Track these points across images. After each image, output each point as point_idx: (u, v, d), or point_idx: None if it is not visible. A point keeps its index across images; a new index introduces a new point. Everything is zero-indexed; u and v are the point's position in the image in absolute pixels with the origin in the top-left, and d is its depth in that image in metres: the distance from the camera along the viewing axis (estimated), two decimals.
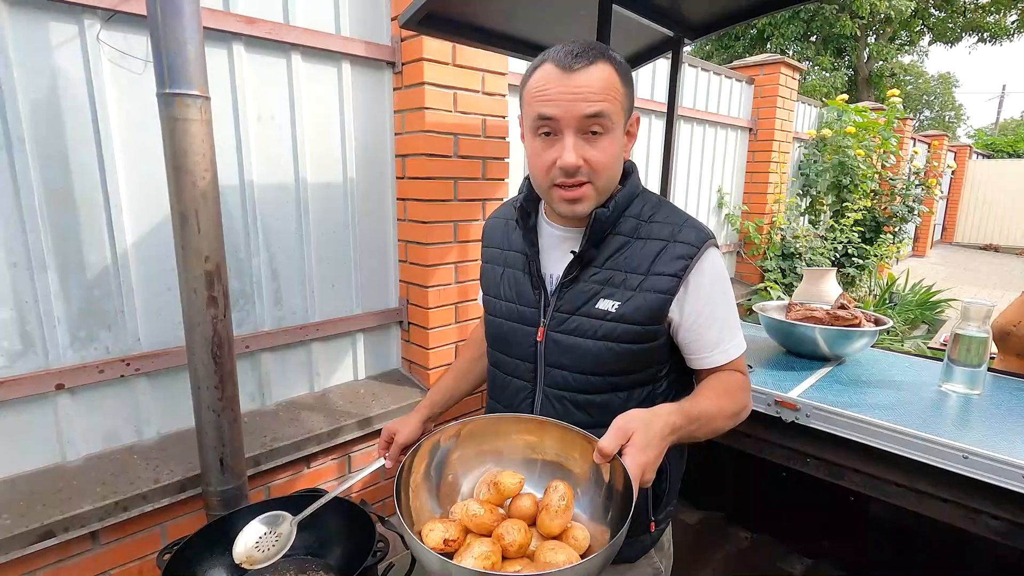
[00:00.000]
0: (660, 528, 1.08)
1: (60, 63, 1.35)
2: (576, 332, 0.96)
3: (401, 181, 2.04)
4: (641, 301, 0.92)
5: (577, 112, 0.85)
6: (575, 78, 0.84)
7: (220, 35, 1.56)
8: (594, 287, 0.95)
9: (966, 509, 1.25)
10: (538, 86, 0.87)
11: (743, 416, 0.98)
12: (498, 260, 1.11)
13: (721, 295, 0.96)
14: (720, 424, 0.93)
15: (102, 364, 1.46)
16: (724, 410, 0.93)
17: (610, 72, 0.86)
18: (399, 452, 1.14)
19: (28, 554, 1.26)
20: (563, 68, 0.85)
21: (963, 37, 14.66)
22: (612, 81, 0.86)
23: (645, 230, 0.96)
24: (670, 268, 0.92)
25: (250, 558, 0.95)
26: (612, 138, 0.88)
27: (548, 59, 0.87)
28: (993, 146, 16.57)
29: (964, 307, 1.50)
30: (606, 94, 0.85)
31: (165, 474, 1.46)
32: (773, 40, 14.10)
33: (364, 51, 1.86)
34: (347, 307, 2.00)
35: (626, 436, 0.76)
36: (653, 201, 1.00)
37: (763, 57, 4.29)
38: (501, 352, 1.09)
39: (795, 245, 4.41)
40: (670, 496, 1.08)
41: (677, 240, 0.94)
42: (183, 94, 1.14)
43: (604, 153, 0.88)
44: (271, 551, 0.97)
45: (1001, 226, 12.63)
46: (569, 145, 0.86)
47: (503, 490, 0.85)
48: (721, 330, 0.96)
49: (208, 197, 1.20)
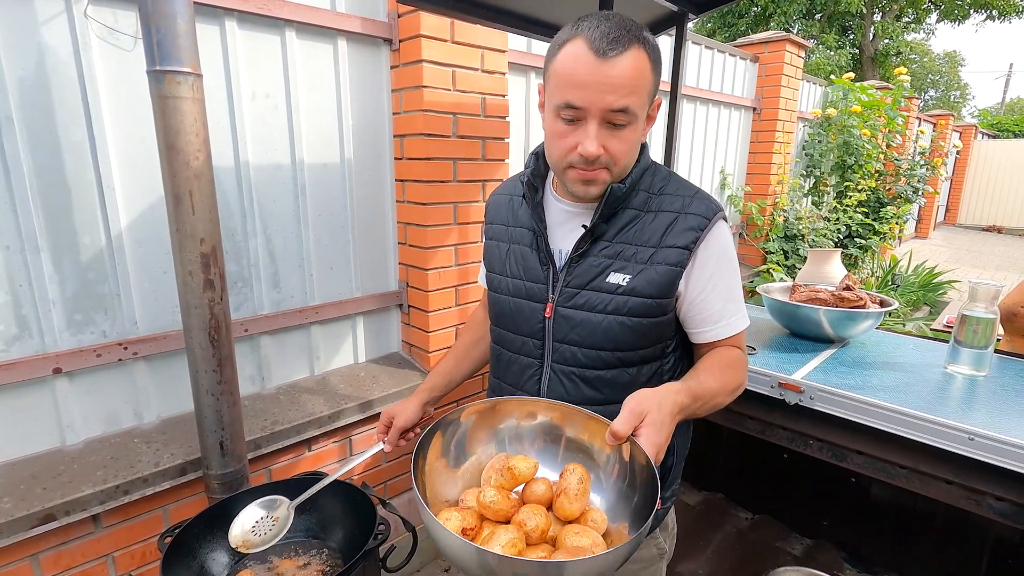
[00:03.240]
0: (665, 507, 1.08)
1: (47, 40, 1.31)
2: (586, 307, 0.95)
3: (399, 162, 2.00)
4: (652, 274, 0.92)
5: (604, 104, 0.83)
6: (608, 67, 0.81)
7: (212, 10, 1.52)
8: (604, 261, 0.94)
9: (970, 491, 1.24)
10: (567, 67, 0.84)
11: (739, 392, 0.99)
12: (503, 237, 1.09)
13: (728, 268, 0.95)
14: (720, 400, 0.94)
15: (99, 348, 1.45)
16: (725, 386, 0.94)
17: (643, 60, 0.83)
18: (398, 436, 1.13)
19: (29, 537, 1.26)
20: (597, 53, 0.81)
21: (970, 14, 14.40)
22: (643, 70, 0.84)
23: (655, 203, 0.95)
24: (680, 240, 0.92)
25: (246, 542, 0.95)
26: (634, 128, 0.87)
27: (581, 34, 0.82)
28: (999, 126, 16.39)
29: (972, 288, 1.48)
30: (635, 86, 0.83)
31: (166, 457, 1.46)
32: (776, 18, 13.85)
33: (360, 27, 1.81)
34: (346, 290, 1.98)
35: (639, 418, 0.76)
36: (663, 174, 0.99)
37: (768, 34, 4.20)
38: (506, 329, 1.07)
39: (798, 226, 4.37)
40: (675, 474, 1.07)
41: (687, 212, 0.93)
42: (174, 71, 1.10)
43: (624, 143, 0.87)
44: (267, 535, 0.97)
45: (1005, 207, 12.54)
46: (592, 134, 0.85)
47: (517, 475, 0.83)
48: (726, 302, 0.95)
49: (202, 177, 1.17)
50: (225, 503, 1.12)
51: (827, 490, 1.95)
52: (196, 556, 1.04)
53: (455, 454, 0.93)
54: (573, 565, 0.65)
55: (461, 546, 0.69)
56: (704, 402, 0.89)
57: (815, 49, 15.16)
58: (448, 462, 0.93)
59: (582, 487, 0.78)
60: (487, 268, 1.12)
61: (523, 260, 1.03)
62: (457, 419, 0.93)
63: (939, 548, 1.74)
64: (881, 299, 1.78)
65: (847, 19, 14.97)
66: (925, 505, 1.74)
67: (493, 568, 0.66)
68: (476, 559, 0.67)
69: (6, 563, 1.26)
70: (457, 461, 0.93)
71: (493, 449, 0.93)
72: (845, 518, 1.93)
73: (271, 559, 1.10)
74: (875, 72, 15.63)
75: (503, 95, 2.07)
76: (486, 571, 0.67)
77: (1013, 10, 13.80)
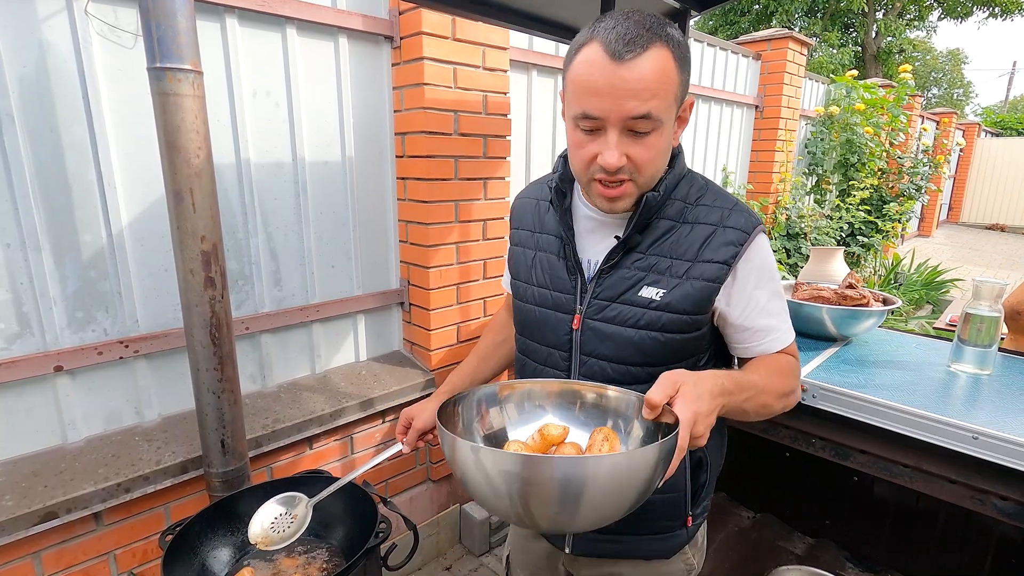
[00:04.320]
0: (696, 524, 1.05)
1: (48, 37, 1.31)
2: (616, 320, 0.91)
3: (401, 160, 2.00)
4: (688, 289, 0.88)
5: (624, 112, 0.77)
6: (625, 70, 0.75)
7: (212, 8, 1.52)
8: (637, 274, 0.90)
9: (974, 490, 1.23)
10: (582, 74, 0.78)
11: (793, 400, 0.93)
12: (529, 243, 1.05)
13: (770, 282, 0.91)
14: (770, 401, 0.87)
15: (101, 346, 1.45)
16: (775, 386, 0.88)
17: (666, 58, 0.77)
18: (416, 437, 1.12)
19: (31, 535, 1.26)
20: (612, 55, 0.75)
21: (973, 12, 14.34)
22: (667, 71, 0.77)
23: (692, 214, 0.90)
24: (719, 255, 0.87)
25: (266, 538, 0.95)
26: (660, 133, 0.81)
27: (597, 36, 0.77)
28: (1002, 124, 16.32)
29: (976, 286, 1.47)
30: (658, 88, 0.77)
31: (167, 455, 1.46)
32: (778, 16, 13.81)
33: (361, 24, 1.80)
34: (347, 288, 1.98)
35: (675, 388, 0.72)
36: (699, 183, 0.94)
37: (770, 32, 4.19)
38: (532, 340, 1.04)
39: (800, 225, 4.36)
40: (707, 491, 1.04)
41: (726, 225, 0.88)
42: (174, 68, 1.10)
43: (650, 150, 0.81)
44: (287, 532, 0.96)
45: (1008, 206, 12.49)
46: (612, 143, 0.79)
47: (548, 437, 0.83)
48: (771, 317, 0.91)
49: (203, 175, 1.17)
50: (226, 501, 1.12)
51: (829, 489, 1.95)
52: (197, 554, 1.04)
53: (497, 421, 0.92)
54: (596, 460, 0.64)
55: (463, 446, 0.68)
56: (750, 396, 0.82)
57: (817, 47, 15.13)
58: (468, 429, 0.90)
59: (607, 446, 0.77)
60: (512, 275, 1.09)
61: (550, 269, 1.00)
62: (482, 391, 0.92)
63: (942, 547, 1.73)
64: (884, 297, 1.78)
65: (849, 17, 14.93)
66: (928, 504, 1.73)
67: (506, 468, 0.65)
68: (490, 460, 0.66)
69: (8, 561, 1.26)
70: (498, 428, 0.91)
71: (533, 420, 0.91)
72: (847, 517, 1.92)
73: (273, 557, 1.10)
74: (878, 70, 15.58)
75: (504, 93, 2.07)
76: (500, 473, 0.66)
77: (1016, 7, 13.74)
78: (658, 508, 0.99)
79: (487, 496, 0.69)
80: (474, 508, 2.27)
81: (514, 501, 0.67)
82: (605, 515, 0.69)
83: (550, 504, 0.66)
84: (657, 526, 1.01)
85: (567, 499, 0.64)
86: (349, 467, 1.93)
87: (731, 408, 0.80)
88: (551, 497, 0.65)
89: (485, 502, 0.71)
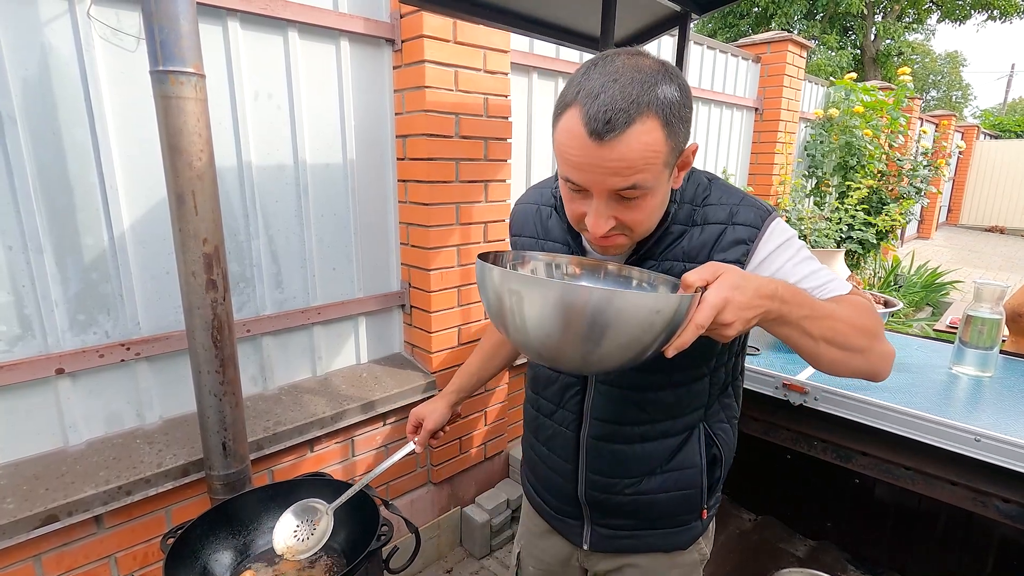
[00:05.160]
0: (710, 516, 1.07)
1: (50, 40, 1.31)
2: None
3: (402, 162, 2.00)
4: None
5: (607, 186, 0.73)
6: (606, 150, 0.70)
7: (215, 11, 1.52)
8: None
9: (976, 492, 1.24)
10: (564, 143, 0.74)
11: (881, 348, 0.79)
12: (533, 250, 1.03)
13: (797, 255, 0.85)
14: (846, 331, 0.75)
15: (102, 348, 1.45)
16: (849, 317, 0.77)
17: (651, 131, 0.70)
18: (428, 437, 1.12)
19: (32, 538, 1.26)
20: (591, 135, 0.69)
21: (972, 15, 14.38)
22: (652, 144, 0.70)
23: (700, 215, 0.88)
24: (732, 254, 0.85)
25: (291, 548, 0.96)
26: (652, 195, 0.76)
27: (578, 102, 0.71)
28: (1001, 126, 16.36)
29: (977, 288, 1.47)
30: (643, 164, 0.71)
31: (168, 458, 1.46)
32: (777, 18, 13.85)
33: (363, 28, 1.81)
34: (348, 290, 1.98)
35: (715, 274, 0.67)
36: (704, 182, 0.92)
37: (770, 34, 4.20)
38: None
39: (800, 227, 4.36)
40: (721, 482, 1.05)
41: (735, 223, 0.86)
42: (176, 71, 1.10)
43: (640, 212, 0.78)
44: (311, 541, 0.97)
45: (1007, 208, 12.50)
46: (600, 211, 0.76)
47: None
48: (813, 277, 0.84)
49: (205, 178, 1.17)
50: (228, 504, 1.11)
51: (831, 491, 1.95)
52: (199, 557, 1.04)
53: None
54: (620, 294, 0.64)
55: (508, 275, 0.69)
56: (813, 315, 0.73)
57: (816, 50, 15.16)
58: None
59: None
60: None
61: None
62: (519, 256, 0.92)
63: (943, 550, 1.73)
64: (885, 299, 1.78)
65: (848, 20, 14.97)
66: (929, 506, 1.73)
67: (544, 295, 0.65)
68: (537, 290, 0.66)
69: (9, 564, 1.26)
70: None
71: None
72: (849, 519, 1.92)
73: (274, 560, 1.10)
74: (876, 72, 15.62)
75: (505, 95, 2.07)
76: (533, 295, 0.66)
77: (1014, 10, 13.78)
78: (676, 505, 1.00)
79: (519, 325, 0.70)
80: (475, 511, 2.27)
81: (547, 324, 0.67)
82: (622, 354, 0.68)
83: (578, 330, 0.65)
84: (675, 520, 1.02)
85: (597, 326, 0.64)
86: (351, 470, 1.93)
87: (790, 321, 0.72)
88: (583, 321, 0.65)
89: (515, 332, 0.72)
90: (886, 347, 0.80)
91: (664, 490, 0.99)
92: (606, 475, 1.00)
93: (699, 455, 0.98)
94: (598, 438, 0.98)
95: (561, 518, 1.09)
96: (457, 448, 2.22)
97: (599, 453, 0.99)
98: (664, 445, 0.97)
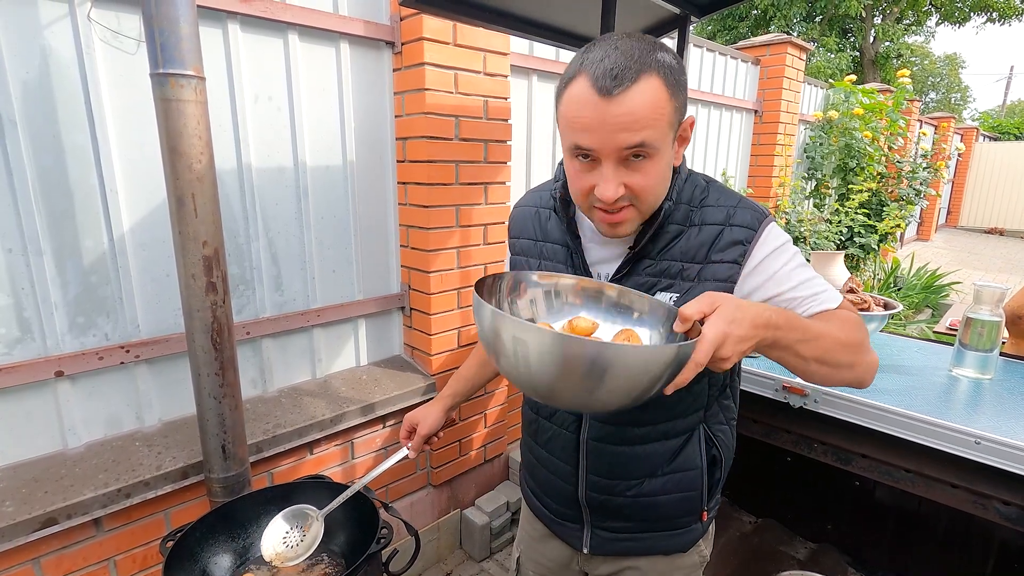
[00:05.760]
0: (710, 517, 1.06)
1: (51, 43, 1.31)
2: None
3: (401, 164, 2.00)
4: (701, 291, 0.85)
5: (617, 144, 0.76)
6: (614, 105, 0.73)
7: (215, 14, 1.52)
8: (650, 280, 0.90)
9: (976, 495, 1.23)
10: (572, 110, 0.78)
11: (865, 360, 0.82)
12: (532, 252, 1.04)
13: (791, 260, 0.87)
14: (834, 349, 0.78)
15: (101, 351, 1.45)
16: (836, 334, 0.79)
17: (656, 88, 0.74)
18: (422, 442, 1.11)
19: (31, 541, 1.26)
20: (600, 91, 0.73)
21: (971, 17, 14.42)
22: (658, 100, 0.75)
23: (698, 216, 0.90)
24: (728, 255, 0.86)
25: (280, 555, 0.95)
26: (657, 160, 0.79)
27: (584, 70, 0.76)
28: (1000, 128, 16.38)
29: (977, 290, 1.47)
30: (650, 119, 0.75)
31: (167, 461, 1.45)
32: (776, 21, 13.88)
33: (363, 30, 1.81)
34: (348, 293, 1.98)
35: (712, 306, 0.69)
36: (702, 184, 0.93)
37: (769, 37, 4.21)
38: None
39: (800, 229, 4.37)
40: (720, 484, 1.05)
41: (732, 224, 0.87)
42: (177, 74, 1.11)
43: (648, 177, 0.80)
44: (300, 548, 0.96)
45: (1007, 209, 12.52)
46: (608, 175, 0.78)
47: (576, 329, 0.82)
48: (806, 285, 0.86)
49: (205, 180, 1.17)
50: (227, 507, 1.11)
51: (831, 494, 1.94)
52: (198, 560, 1.04)
53: (529, 313, 0.92)
54: (619, 349, 0.64)
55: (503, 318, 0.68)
56: (805, 338, 0.75)
57: (816, 52, 15.19)
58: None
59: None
60: None
61: None
62: (517, 278, 0.91)
63: (944, 552, 1.73)
64: (885, 302, 1.78)
65: (847, 22, 15.00)
66: (930, 509, 1.73)
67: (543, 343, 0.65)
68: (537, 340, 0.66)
69: (8, 567, 1.26)
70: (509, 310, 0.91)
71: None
72: (849, 522, 1.92)
73: (273, 563, 1.10)
74: (876, 75, 15.65)
75: (505, 98, 2.08)
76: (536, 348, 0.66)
77: (1013, 12, 13.82)
78: (676, 506, 1.00)
79: (518, 369, 0.70)
80: (475, 514, 2.27)
81: (546, 374, 0.67)
82: (619, 398, 0.69)
83: (576, 379, 0.66)
84: (676, 523, 1.02)
85: (593, 375, 0.65)
86: (350, 472, 1.93)
87: (783, 346, 0.74)
88: (580, 371, 0.65)
89: (518, 375, 0.72)
90: (871, 358, 0.83)
91: (665, 492, 0.99)
92: (607, 477, 1.00)
93: (699, 456, 0.99)
94: (598, 439, 0.98)
95: (561, 522, 1.09)
96: (457, 450, 2.22)
97: (600, 454, 0.99)
98: (665, 447, 0.97)
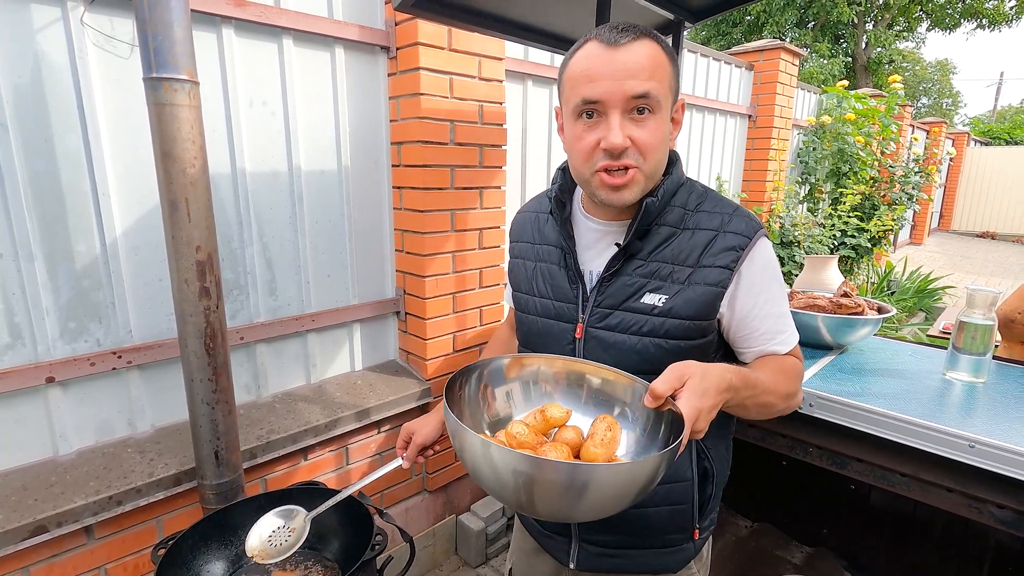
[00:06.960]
0: (703, 537, 1.05)
1: (43, 47, 1.31)
2: (619, 328, 0.91)
3: (396, 169, 2.00)
4: (691, 294, 0.88)
5: (624, 91, 0.80)
6: (621, 53, 0.81)
7: (209, 18, 1.52)
8: (639, 280, 0.91)
9: (971, 498, 1.24)
10: (581, 66, 0.84)
11: (795, 403, 0.93)
12: (529, 255, 1.05)
13: (774, 285, 0.91)
14: (772, 401, 0.87)
15: (93, 357, 1.44)
16: (779, 387, 0.88)
17: (657, 51, 0.83)
18: (416, 453, 1.11)
19: (20, 549, 1.24)
20: (608, 44, 0.81)
21: (961, 23, 14.56)
22: (660, 60, 0.83)
23: (692, 220, 0.91)
24: (721, 260, 0.88)
25: (264, 551, 0.94)
26: (659, 119, 0.84)
27: (592, 37, 0.84)
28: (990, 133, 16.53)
29: (969, 294, 1.48)
30: (654, 71, 0.81)
31: (160, 468, 1.44)
32: (769, 27, 13.99)
33: (357, 35, 1.81)
34: (343, 297, 1.97)
35: (681, 381, 0.73)
36: (699, 190, 0.95)
37: (763, 43, 4.24)
38: (535, 351, 1.03)
39: (793, 233, 4.39)
40: (714, 503, 1.04)
41: (727, 231, 0.89)
42: (170, 79, 1.10)
43: (652, 134, 0.83)
44: (283, 545, 0.95)
45: (998, 213, 12.63)
46: (615, 124, 0.82)
47: (549, 419, 0.83)
48: (776, 320, 0.91)
49: (198, 185, 1.17)
50: (220, 514, 1.10)
51: (827, 498, 1.95)
52: (190, 568, 1.03)
53: (498, 403, 0.93)
54: (596, 469, 0.66)
55: (472, 438, 0.69)
56: (754, 394, 0.83)
57: (808, 58, 15.31)
58: (474, 410, 0.91)
59: (610, 435, 0.77)
60: (513, 288, 1.09)
61: (551, 279, 1.00)
62: (486, 368, 0.92)
63: (939, 556, 1.73)
64: (879, 306, 1.79)
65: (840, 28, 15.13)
66: (925, 513, 1.74)
67: (517, 467, 0.67)
68: (504, 460, 0.67)
69: None
70: (485, 409, 0.92)
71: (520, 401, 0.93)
72: (845, 526, 1.92)
73: (268, 570, 1.09)
74: (868, 80, 15.78)
75: (500, 102, 2.08)
76: (510, 472, 0.67)
77: (1003, 19, 13.96)
78: (665, 520, 0.99)
79: (491, 484, 0.72)
80: (470, 519, 2.25)
81: (518, 492, 0.69)
82: (606, 511, 0.71)
83: (552, 499, 0.69)
84: (664, 539, 1.01)
85: (570, 495, 0.67)
86: (345, 478, 1.92)
87: (735, 404, 0.80)
88: (554, 494, 0.68)
89: (490, 489, 0.74)
90: (798, 399, 0.94)
91: (654, 504, 0.97)
92: None
93: (690, 468, 0.98)
94: None
95: (549, 534, 1.08)
96: (452, 456, 2.21)
97: None
98: None
